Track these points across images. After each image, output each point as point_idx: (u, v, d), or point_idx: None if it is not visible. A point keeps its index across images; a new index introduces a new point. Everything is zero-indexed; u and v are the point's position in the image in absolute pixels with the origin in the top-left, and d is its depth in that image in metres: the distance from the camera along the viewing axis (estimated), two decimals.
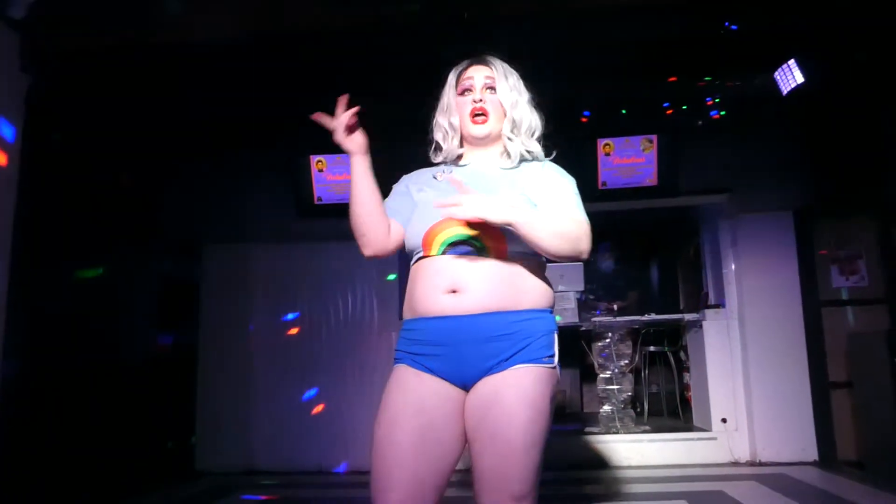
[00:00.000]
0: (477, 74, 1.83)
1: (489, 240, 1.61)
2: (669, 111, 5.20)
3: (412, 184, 1.85)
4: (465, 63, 1.88)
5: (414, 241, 1.70)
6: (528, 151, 1.83)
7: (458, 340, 1.57)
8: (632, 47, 4.34)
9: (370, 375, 5.20)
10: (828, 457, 4.86)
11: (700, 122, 5.23)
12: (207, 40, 4.15)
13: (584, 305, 5.71)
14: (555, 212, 1.66)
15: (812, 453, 4.91)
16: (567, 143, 5.53)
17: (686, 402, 6.05)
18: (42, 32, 3.48)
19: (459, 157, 1.88)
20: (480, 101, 1.78)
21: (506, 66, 1.87)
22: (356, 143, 1.80)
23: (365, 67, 4.49)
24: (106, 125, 4.83)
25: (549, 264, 1.76)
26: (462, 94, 1.82)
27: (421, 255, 1.68)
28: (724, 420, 5.11)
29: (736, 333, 5.22)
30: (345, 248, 5.77)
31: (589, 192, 5.21)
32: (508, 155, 1.82)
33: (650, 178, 5.17)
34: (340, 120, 1.78)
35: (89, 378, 4.68)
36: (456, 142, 1.86)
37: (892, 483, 4.13)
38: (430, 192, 1.76)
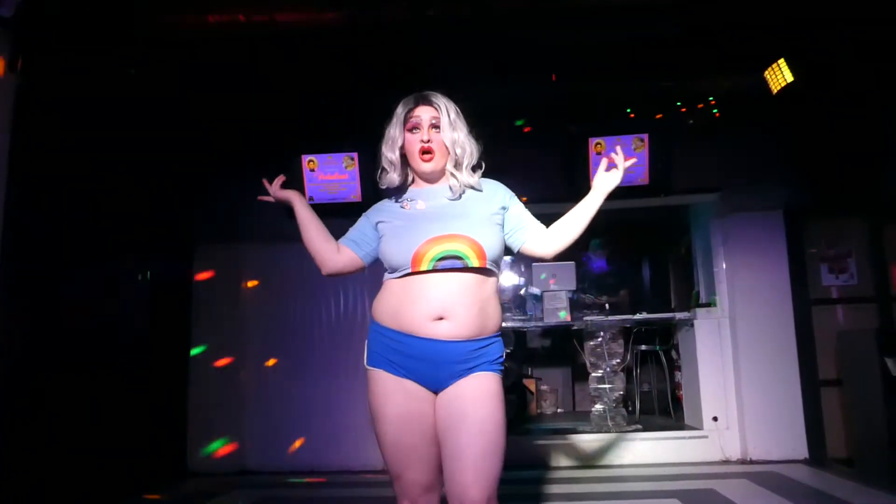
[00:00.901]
0: (424, 114, 2.05)
1: (472, 253, 1.90)
2: (660, 112, 5.22)
3: (378, 217, 2.11)
4: (412, 101, 2.08)
5: (401, 258, 1.94)
6: (471, 185, 2.08)
7: (438, 361, 1.89)
8: (623, 46, 4.36)
9: (362, 374, 5.18)
10: (818, 454, 4.89)
11: (691, 122, 5.25)
12: (199, 40, 4.14)
13: (575, 304, 5.72)
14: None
15: (802, 451, 4.93)
16: (559, 142, 5.57)
17: (677, 401, 6.07)
18: (32, 31, 3.46)
19: (408, 186, 2.14)
20: (428, 140, 2.03)
21: (448, 102, 2.09)
22: (291, 193, 2.30)
23: (358, 67, 4.49)
24: (97, 125, 4.81)
25: (541, 264, 1.98)
26: (410, 130, 2.05)
27: (408, 271, 1.93)
28: (715, 418, 5.13)
29: (727, 332, 5.24)
30: None
31: (580, 190, 5.22)
32: (450, 189, 2.07)
33: (641, 177, 5.17)
34: (276, 192, 2.32)
35: (82, 378, 4.66)
36: (397, 174, 2.10)
37: (880, 480, 4.17)
38: (402, 221, 2.02)
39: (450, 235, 1.91)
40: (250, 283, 5.55)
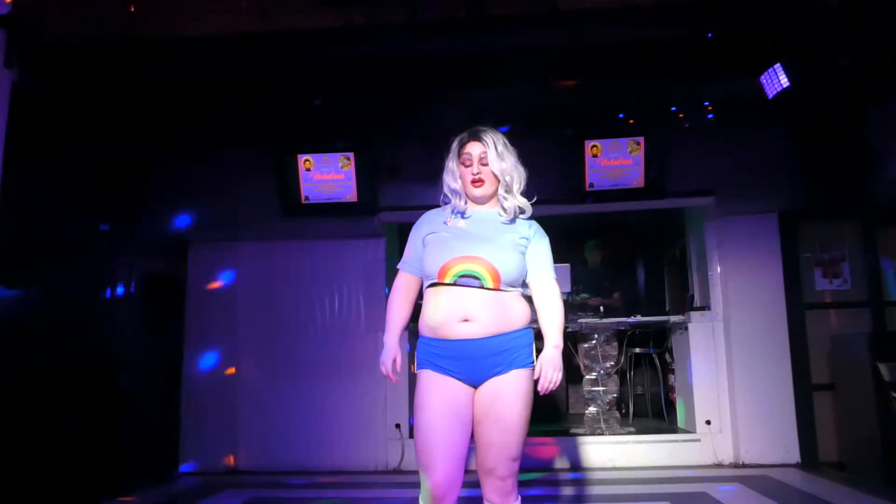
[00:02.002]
0: (473, 151, 2.36)
1: (489, 276, 2.21)
2: (656, 115, 5.22)
3: (427, 230, 2.38)
4: (464, 137, 2.40)
5: (431, 270, 2.27)
6: (521, 207, 2.38)
7: (472, 357, 2.20)
8: (619, 49, 4.36)
9: (356, 375, 5.18)
10: (810, 458, 4.89)
11: (687, 125, 5.26)
12: (195, 37, 4.13)
13: (570, 306, 5.72)
14: (550, 297, 2.35)
15: (794, 455, 4.94)
16: (555, 144, 5.58)
17: (671, 404, 6.08)
18: (27, 27, 3.45)
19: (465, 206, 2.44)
20: (478, 173, 2.34)
21: (496, 136, 2.38)
22: (393, 355, 2.39)
23: (354, 67, 4.48)
24: (92, 122, 4.79)
25: None
26: (463, 164, 2.37)
27: (436, 281, 2.25)
28: (708, 422, 5.14)
29: (721, 335, 5.25)
30: (332, 247, 5.79)
31: (576, 193, 5.23)
32: (504, 210, 2.37)
33: (637, 179, 5.18)
34: (396, 371, 2.41)
35: (74, 377, 4.64)
36: (461, 200, 2.41)
37: (872, 484, 4.18)
38: (443, 234, 2.32)
39: (474, 257, 2.22)
40: (244, 282, 5.53)
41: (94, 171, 5.02)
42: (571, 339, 5.74)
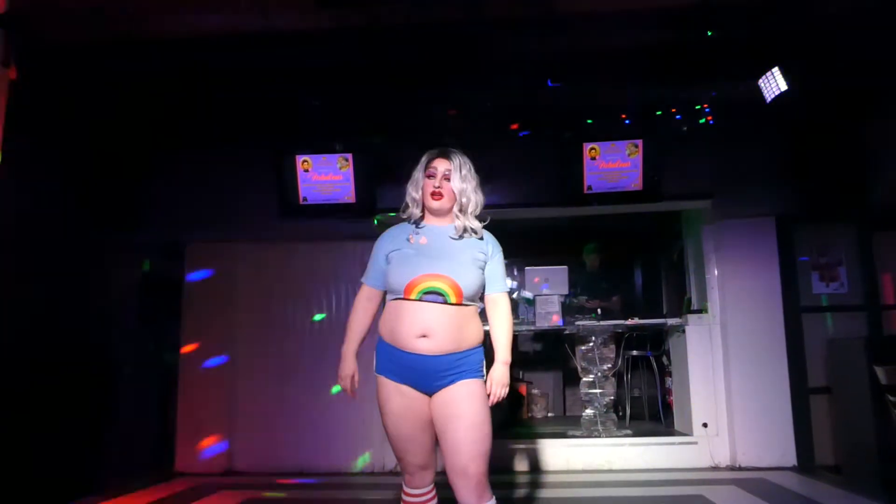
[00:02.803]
0: (440, 166, 2.53)
1: (452, 292, 2.37)
2: (654, 118, 5.23)
3: (389, 248, 2.53)
4: (434, 153, 2.57)
5: (397, 285, 2.42)
6: (472, 228, 2.53)
7: (426, 371, 2.36)
8: (618, 52, 4.37)
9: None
10: (806, 462, 4.90)
11: (685, 128, 5.26)
12: (194, 38, 4.13)
13: (568, 308, 5.73)
14: (501, 313, 2.54)
15: (791, 458, 4.95)
16: (553, 146, 5.58)
17: (668, 407, 6.08)
18: (25, 26, 3.45)
19: (421, 219, 2.59)
20: (439, 187, 2.51)
21: (463, 159, 2.57)
22: (351, 370, 2.67)
23: (352, 67, 4.49)
24: (89, 122, 4.79)
25: (534, 268, 2.18)
26: (428, 176, 2.53)
27: (401, 296, 2.40)
28: (705, 425, 5.14)
29: (718, 338, 5.25)
30: (329, 248, 5.78)
31: (574, 195, 5.23)
32: (454, 228, 2.53)
33: (635, 182, 5.18)
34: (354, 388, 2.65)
35: (70, 376, 4.63)
36: (418, 210, 2.58)
37: (868, 487, 4.18)
38: (407, 250, 2.48)
39: (437, 275, 2.37)
40: (241, 283, 5.52)
41: (92, 171, 5.02)
42: (569, 342, 5.75)
